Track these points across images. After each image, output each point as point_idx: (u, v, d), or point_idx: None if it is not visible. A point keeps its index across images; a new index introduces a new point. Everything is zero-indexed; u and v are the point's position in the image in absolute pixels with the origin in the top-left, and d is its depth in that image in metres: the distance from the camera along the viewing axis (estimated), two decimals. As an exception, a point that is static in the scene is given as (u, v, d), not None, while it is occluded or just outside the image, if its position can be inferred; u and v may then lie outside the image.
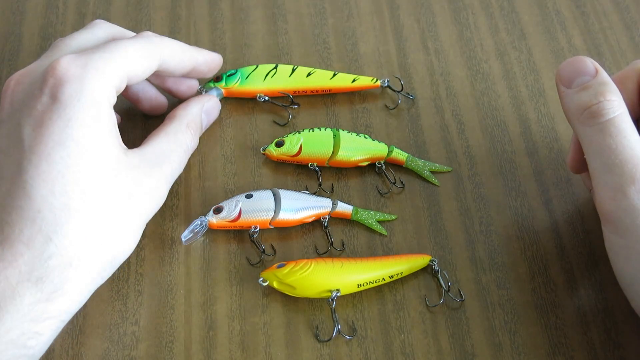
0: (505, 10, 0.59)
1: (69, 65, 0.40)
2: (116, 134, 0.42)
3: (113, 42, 0.43)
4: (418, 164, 0.50)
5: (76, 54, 0.41)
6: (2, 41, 0.56)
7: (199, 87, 0.52)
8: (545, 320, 0.44)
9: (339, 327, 0.44)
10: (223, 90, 0.52)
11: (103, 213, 0.40)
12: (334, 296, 0.44)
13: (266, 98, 0.52)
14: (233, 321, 0.44)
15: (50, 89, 0.40)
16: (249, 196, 0.47)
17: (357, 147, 0.49)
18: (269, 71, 0.53)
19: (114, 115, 0.42)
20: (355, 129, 0.52)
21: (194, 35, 0.56)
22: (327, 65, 0.55)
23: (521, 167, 0.50)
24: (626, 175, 0.39)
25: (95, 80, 0.41)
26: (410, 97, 0.53)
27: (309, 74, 0.53)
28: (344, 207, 0.48)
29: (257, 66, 0.53)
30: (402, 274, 0.45)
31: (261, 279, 0.44)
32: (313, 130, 0.50)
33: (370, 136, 0.50)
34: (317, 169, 0.49)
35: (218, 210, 0.46)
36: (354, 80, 0.53)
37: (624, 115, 0.40)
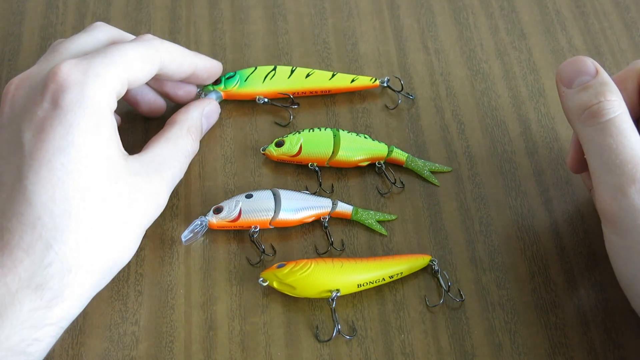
0: (505, 10, 0.59)
1: (70, 71, 0.40)
2: (117, 140, 0.42)
3: (114, 47, 0.43)
4: (418, 164, 0.50)
5: (77, 59, 0.41)
6: (2, 41, 0.56)
7: (198, 90, 0.51)
8: (545, 320, 0.44)
9: (339, 327, 0.44)
10: (222, 93, 0.52)
11: (103, 220, 0.40)
12: (334, 296, 0.44)
13: (265, 100, 0.52)
14: (233, 321, 0.44)
15: (51, 94, 0.40)
16: (249, 196, 0.47)
17: (357, 147, 0.49)
18: (268, 73, 0.52)
19: (115, 121, 0.42)
20: (355, 129, 0.52)
21: (194, 35, 0.56)
22: (327, 65, 0.55)
23: (521, 167, 0.50)
24: (627, 175, 0.39)
25: (96, 87, 0.41)
26: (410, 97, 0.53)
27: (307, 75, 0.53)
28: (344, 207, 0.48)
29: (256, 68, 0.53)
30: (402, 274, 0.45)
31: (261, 279, 0.44)
32: (313, 130, 0.50)
33: (370, 136, 0.50)
34: (317, 169, 0.49)
35: (218, 210, 0.46)
36: (353, 81, 0.53)
37: (625, 115, 0.40)
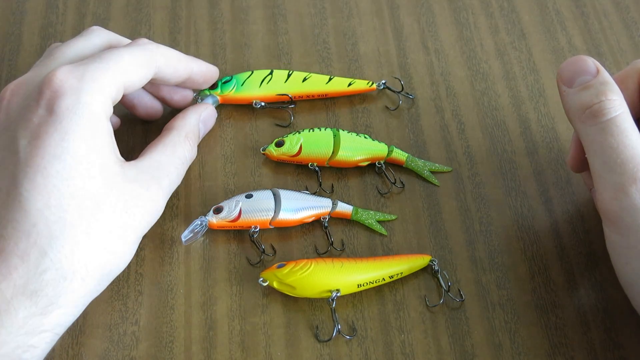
0: (505, 10, 0.59)
1: (65, 77, 0.40)
2: (113, 146, 0.42)
3: (109, 51, 0.43)
4: (418, 164, 0.50)
5: (73, 65, 0.41)
6: (2, 41, 0.56)
7: (194, 95, 0.51)
8: (545, 320, 0.44)
9: (339, 327, 0.43)
10: (219, 97, 0.52)
11: (99, 227, 0.40)
12: (334, 296, 0.44)
13: (262, 104, 0.52)
14: (233, 321, 0.44)
15: (46, 101, 0.40)
16: (249, 196, 0.47)
17: (357, 147, 0.49)
18: (265, 77, 0.52)
19: (111, 127, 0.42)
20: (355, 129, 0.52)
21: (194, 35, 0.56)
22: (327, 65, 0.55)
23: (521, 167, 0.50)
24: (628, 174, 0.39)
25: (92, 93, 0.40)
26: (410, 97, 0.53)
27: (304, 79, 0.53)
28: (344, 207, 0.48)
29: (253, 72, 0.52)
30: (402, 274, 0.45)
31: (261, 279, 0.44)
32: (313, 130, 0.50)
33: (370, 136, 0.50)
34: (317, 169, 0.49)
35: (218, 210, 0.46)
36: (350, 84, 0.53)
37: (625, 114, 0.40)
